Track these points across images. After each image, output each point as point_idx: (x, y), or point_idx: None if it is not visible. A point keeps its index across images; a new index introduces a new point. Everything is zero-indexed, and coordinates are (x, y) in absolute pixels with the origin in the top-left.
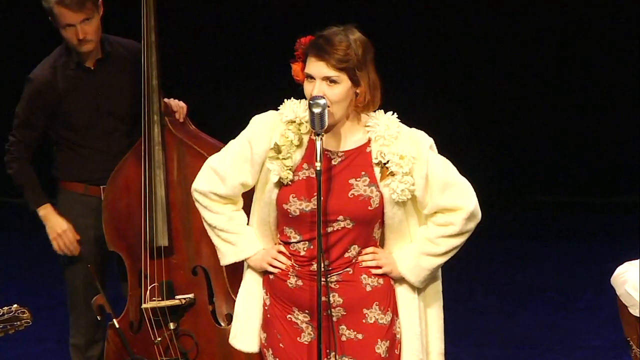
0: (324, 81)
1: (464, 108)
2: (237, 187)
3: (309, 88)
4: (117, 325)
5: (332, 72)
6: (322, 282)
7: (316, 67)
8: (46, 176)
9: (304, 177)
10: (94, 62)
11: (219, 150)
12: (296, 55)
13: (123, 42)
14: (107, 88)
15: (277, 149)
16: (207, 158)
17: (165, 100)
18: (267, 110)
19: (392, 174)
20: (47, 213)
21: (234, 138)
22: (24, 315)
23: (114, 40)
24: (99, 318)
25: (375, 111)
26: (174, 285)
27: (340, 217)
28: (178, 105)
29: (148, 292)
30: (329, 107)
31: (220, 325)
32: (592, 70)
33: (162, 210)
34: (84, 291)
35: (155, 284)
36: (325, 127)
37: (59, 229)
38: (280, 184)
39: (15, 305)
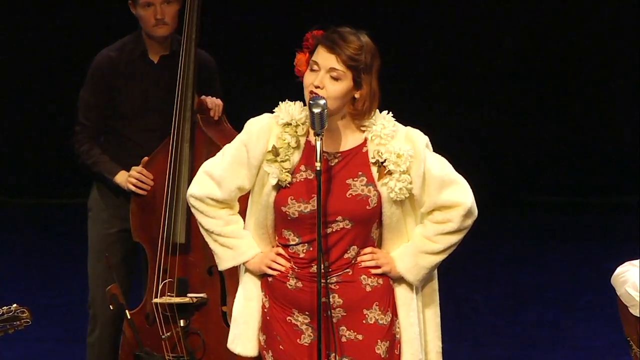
0: (327, 74)
1: (463, 108)
2: (234, 191)
3: (310, 78)
4: (128, 317)
5: (340, 66)
6: (322, 283)
7: (325, 58)
8: (54, 174)
9: (302, 179)
10: (158, 57)
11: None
12: (304, 45)
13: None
14: (161, 85)
15: (275, 152)
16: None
17: (202, 97)
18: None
19: (390, 172)
20: (122, 177)
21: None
22: (24, 314)
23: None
24: (111, 307)
25: (369, 119)
26: (188, 283)
27: (339, 218)
28: (214, 103)
29: (161, 287)
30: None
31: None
32: (592, 70)
33: (183, 207)
34: (104, 286)
35: (170, 279)
36: (325, 127)
37: (127, 177)
38: (278, 187)
39: (14, 305)
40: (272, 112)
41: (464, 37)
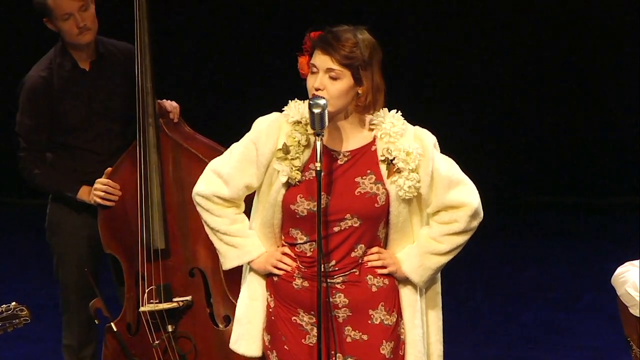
0: (326, 74)
1: (465, 108)
2: (242, 189)
3: (311, 81)
4: (114, 329)
5: (336, 66)
6: (326, 283)
7: (321, 59)
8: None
9: (311, 177)
10: (88, 63)
11: (214, 151)
12: (304, 49)
13: (117, 44)
14: (101, 89)
15: (286, 150)
16: (202, 159)
17: (159, 101)
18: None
19: (399, 170)
20: (84, 193)
21: (232, 141)
22: (23, 312)
23: (108, 42)
24: (96, 322)
25: (376, 112)
26: (171, 287)
27: (348, 216)
28: (172, 106)
29: (146, 295)
30: (327, 99)
31: (218, 327)
32: (592, 70)
33: (158, 213)
34: (77, 292)
35: (153, 286)
36: (325, 127)
37: (96, 185)
38: (287, 185)
39: (13, 303)
40: (281, 111)
41: (465, 37)
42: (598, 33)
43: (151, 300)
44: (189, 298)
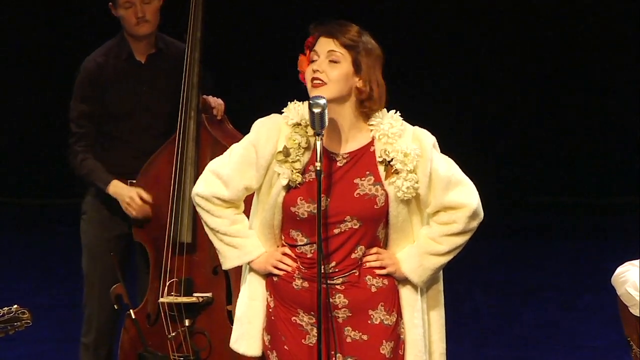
0: (327, 59)
1: (464, 108)
2: (241, 191)
3: (311, 67)
4: (133, 317)
5: (338, 48)
6: (327, 284)
7: (324, 43)
8: (55, 174)
9: (311, 179)
10: (145, 56)
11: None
12: (306, 46)
13: (177, 44)
14: (152, 84)
15: (286, 152)
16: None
17: (204, 97)
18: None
19: (397, 171)
20: (115, 188)
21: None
22: (24, 315)
23: (169, 40)
24: (116, 307)
25: (379, 110)
26: (193, 282)
27: (347, 218)
28: (216, 102)
29: (167, 286)
30: (325, 83)
31: None
32: (592, 71)
33: (189, 207)
34: (100, 286)
35: (175, 279)
36: (325, 127)
37: (127, 197)
38: (287, 187)
39: (15, 306)
40: (281, 113)
41: (465, 36)
42: (598, 33)
43: (171, 293)
44: (209, 295)
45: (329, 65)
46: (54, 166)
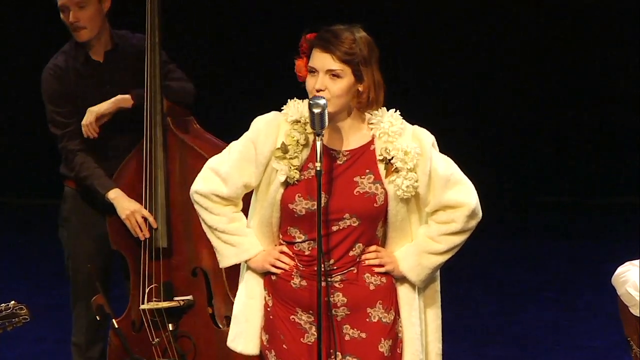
0: (327, 74)
1: (464, 108)
2: (240, 188)
3: (311, 82)
4: (116, 326)
5: (337, 64)
6: (326, 282)
7: (321, 59)
8: (55, 174)
9: (310, 177)
10: (102, 55)
11: (221, 150)
12: (300, 51)
13: (133, 35)
14: (114, 82)
15: (285, 149)
16: (208, 159)
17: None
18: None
19: (397, 170)
20: (116, 196)
21: (232, 139)
22: (22, 311)
23: (123, 33)
24: (98, 318)
25: (378, 109)
26: (173, 286)
27: (346, 215)
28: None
29: (147, 293)
30: (328, 99)
31: (219, 327)
32: (593, 71)
33: (162, 211)
34: (86, 290)
35: (155, 284)
36: (325, 127)
37: (128, 210)
38: (286, 184)
39: (12, 302)
40: (280, 110)
41: (466, 36)
42: (598, 32)
43: (152, 299)
44: (190, 297)
45: (331, 79)
46: (53, 166)
